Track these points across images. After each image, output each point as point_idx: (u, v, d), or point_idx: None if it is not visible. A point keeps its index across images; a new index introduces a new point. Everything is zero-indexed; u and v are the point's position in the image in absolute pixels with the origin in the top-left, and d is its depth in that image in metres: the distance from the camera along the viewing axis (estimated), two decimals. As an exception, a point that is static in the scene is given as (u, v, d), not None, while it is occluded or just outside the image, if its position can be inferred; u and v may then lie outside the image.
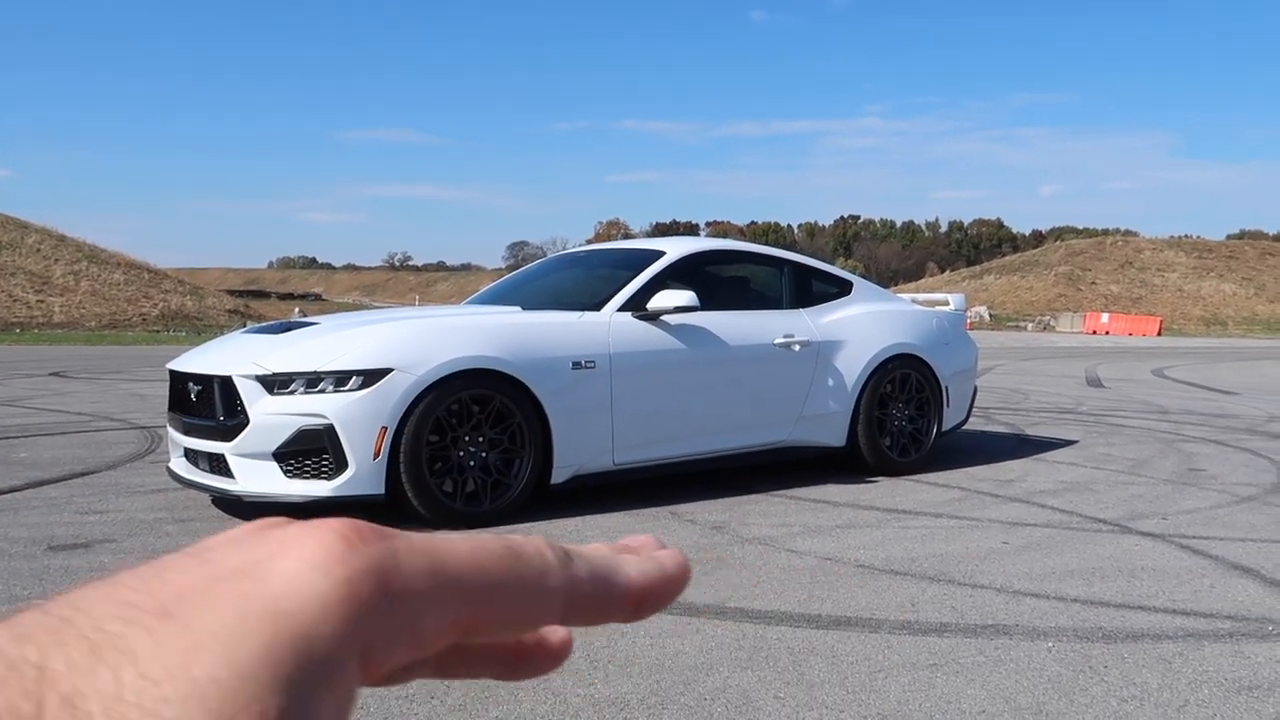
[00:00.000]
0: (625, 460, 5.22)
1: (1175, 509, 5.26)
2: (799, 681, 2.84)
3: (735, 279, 6.44)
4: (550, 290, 6.09)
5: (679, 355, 5.40)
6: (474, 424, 4.71)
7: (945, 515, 5.06)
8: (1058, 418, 9.51)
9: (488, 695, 2.71)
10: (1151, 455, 7.11)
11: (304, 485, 4.44)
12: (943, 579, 3.90)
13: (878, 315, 6.39)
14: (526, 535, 0.32)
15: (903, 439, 6.29)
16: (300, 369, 4.49)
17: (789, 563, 4.11)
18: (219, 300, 38.47)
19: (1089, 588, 3.80)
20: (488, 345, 4.76)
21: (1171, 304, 63.36)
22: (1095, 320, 52.24)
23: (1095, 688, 2.82)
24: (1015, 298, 65.46)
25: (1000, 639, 3.21)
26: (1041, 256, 75.53)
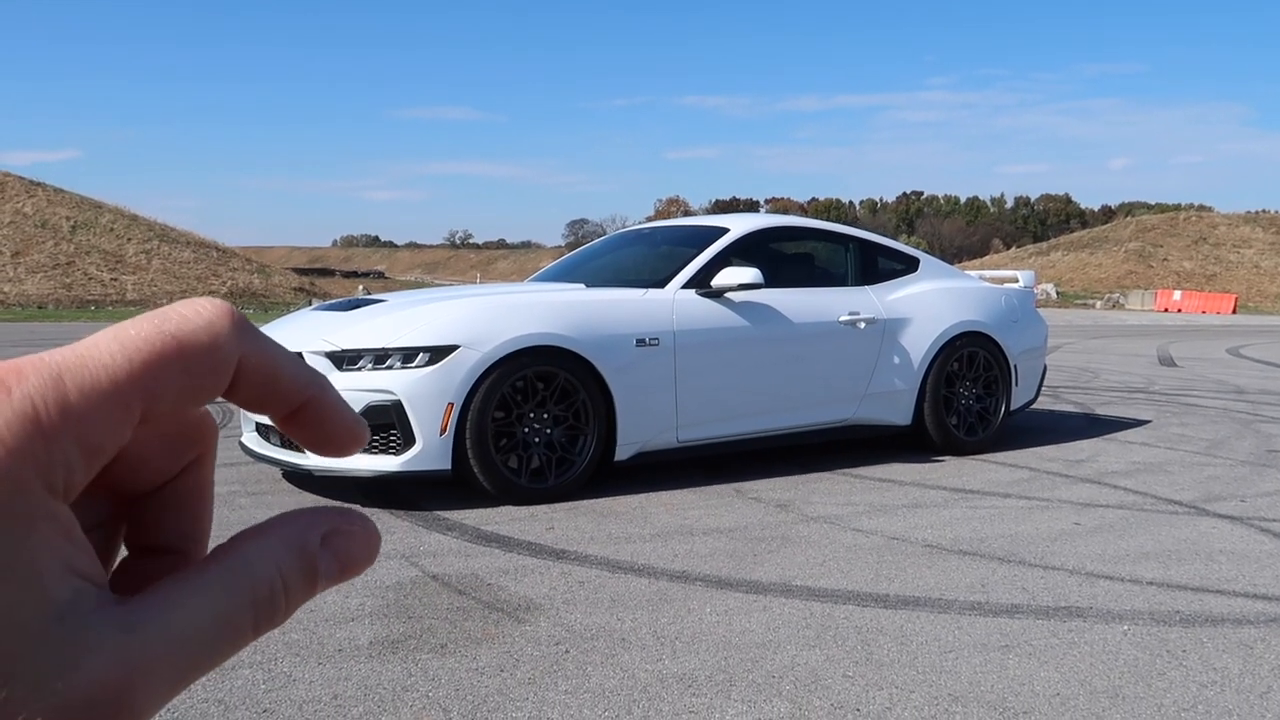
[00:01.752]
0: (689, 438, 5.22)
1: (1254, 491, 5.12)
2: (868, 661, 2.82)
3: (799, 256, 6.38)
4: (614, 267, 6.09)
5: (743, 333, 5.37)
6: (539, 401, 4.73)
7: (1014, 495, 4.98)
8: (1128, 397, 9.31)
9: (557, 670, 2.73)
10: (1228, 436, 6.92)
11: (372, 460, 4.51)
12: (1013, 560, 3.84)
13: (945, 292, 6.29)
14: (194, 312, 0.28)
15: (970, 418, 6.20)
16: (368, 345, 4.55)
17: (855, 542, 4.08)
18: (285, 278, 39.11)
19: (1165, 570, 3.72)
20: (552, 322, 4.78)
21: (1247, 281, 61.58)
22: (1167, 298, 50.98)
23: (1173, 672, 2.76)
24: (1083, 275, 64.11)
25: (1074, 621, 3.16)
26: (1111, 232, 73.80)
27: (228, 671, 2.68)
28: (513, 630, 3.03)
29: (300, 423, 0.31)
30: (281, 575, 0.29)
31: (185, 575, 0.28)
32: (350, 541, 0.31)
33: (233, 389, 0.29)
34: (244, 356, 0.29)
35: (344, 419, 0.31)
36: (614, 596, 3.35)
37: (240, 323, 0.29)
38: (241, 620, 0.28)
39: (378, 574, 3.56)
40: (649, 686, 2.63)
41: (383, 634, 2.98)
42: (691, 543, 4.03)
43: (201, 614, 0.27)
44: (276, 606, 0.29)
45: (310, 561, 0.30)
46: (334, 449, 0.31)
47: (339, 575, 0.31)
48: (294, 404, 0.30)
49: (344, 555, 0.31)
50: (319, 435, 0.31)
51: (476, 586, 3.44)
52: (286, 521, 0.31)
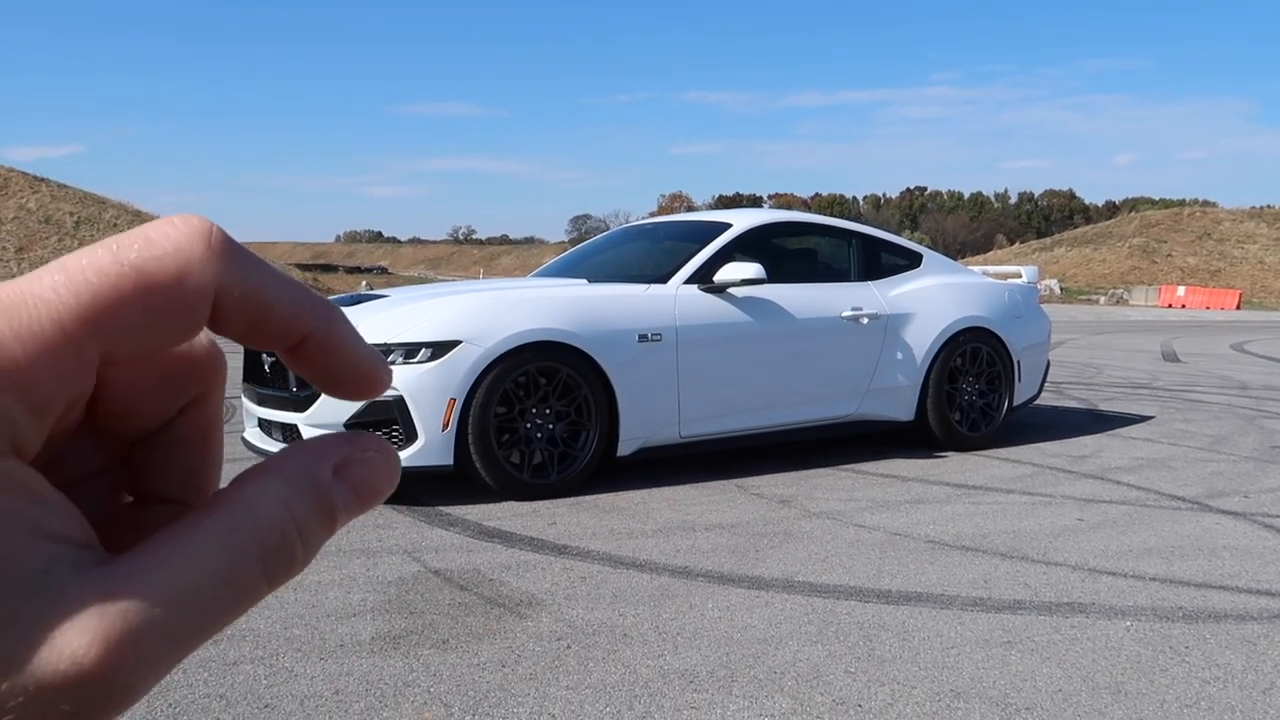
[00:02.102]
0: (691, 433, 5.21)
1: (1258, 487, 5.11)
2: (870, 656, 2.82)
3: (803, 251, 6.37)
4: (616, 263, 6.08)
5: (746, 328, 5.36)
6: (541, 396, 4.73)
7: (1017, 491, 4.97)
8: (1132, 393, 9.29)
9: (558, 665, 2.73)
10: (1231, 432, 6.91)
11: (375, 455, 4.50)
12: (1016, 555, 3.83)
13: (948, 288, 6.28)
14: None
15: (973, 414, 6.19)
16: (371, 340, 4.54)
17: (857, 537, 4.08)
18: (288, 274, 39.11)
19: (1168, 566, 3.71)
20: (555, 318, 4.77)
21: (1251, 277, 61.47)
22: (1171, 293, 50.90)
23: (1176, 668, 2.76)
24: (1087, 270, 64.04)
25: (1076, 617, 3.15)
26: (1115, 228, 73.70)
27: (229, 666, 2.68)
28: (514, 626, 3.03)
29: (303, 359, 0.28)
30: (293, 517, 0.26)
31: (179, 527, 0.25)
32: (367, 468, 0.28)
33: (218, 322, 0.26)
34: (224, 286, 0.25)
35: (355, 357, 0.28)
36: (616, 592, 3.35)
37: (219, 245, 0.25)
38: (249, 573, 0.25)
39: (380, 569, 3.56)
40: (650, 682, 2.63)
41: (384, 629, 2.98)
42: (693, 538, 4.03)
43: (198, 570, 0.24)
44: (291, 553, 0.26)
45: (325, 497, 0.27)
46: (346, 390, 0.28)
47: (359, 506, 0.28)
48: (293, 338, 0.27)
49: (362, 484, 0.28)
50: (326, 374, 0.28)
51: (478, 582, 3.44)
52: (291, 456, 0.27)
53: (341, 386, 0.28)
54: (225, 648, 2.81)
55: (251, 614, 3.07)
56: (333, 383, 0.28)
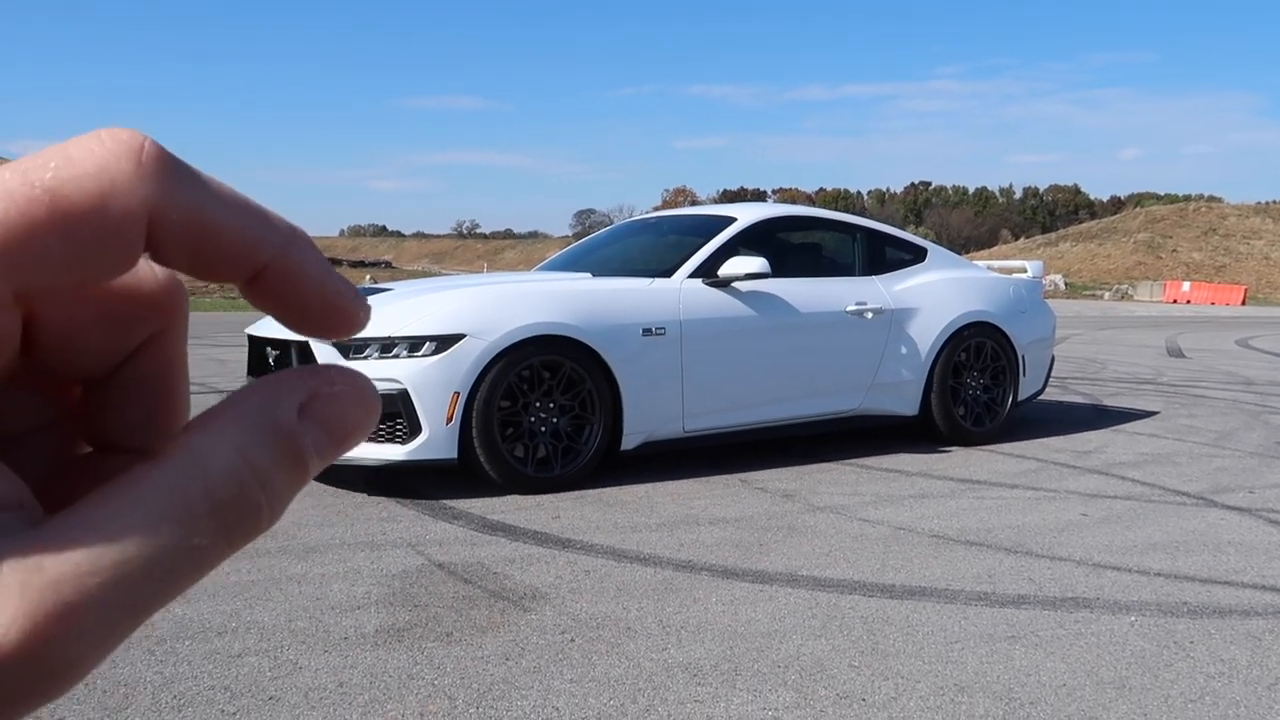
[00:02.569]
0: (695, 427, 5.21)
1: (1262, 482, 5.10)
2: (874, 651, 2.82)
3: (807, 246, 6.36)
4: (621, 257, 6.08)
5: (750, 322, 5.35)
6: (545, 390, 4.73)
7: (1021, 486, 4.97)
8: (1137, 388, 9.28)
9: (562, 659, 2.73)
10: (1236, 427, 6.90)
11: (378, 449, 4.51)
12: (1020, 550, 3.83)
13: (953, 282, 6.27)
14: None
15: (977, 408, 6.18)
16: (375, 334, 4.55)
17: (861, 532, 4.07)
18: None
19: (1173, 562, 3.70)
20: (559, 312, 4.77)
21: (1257, 272, 61.35)
22: (1176, 289, 50.82)
23: (1181, 663, 2.75)
24: (1092, 266, 63.92)
25: (1081, 612, 3.15)
26: (1120, 223, 73.57)
27: (234, 659, 2.68)
28: (518, 619, 3.03)
29: (264, 292, 0.24)
30: (250, 464, 0.23)
31: (119, 483, 0.22)
32: (337, 404, 0.25)
33: (156, 251, 0.23)
34: (159, 209, 0.22)
35: (324, 287, 0.25)
36: (620, 586, 3.35)
37: (152, 163, 0.22)
38: (201, 532, 0.22)
39: (384, 563, 3.56)
40: (654, 676, 2.63)
41: (388, 622, 2.99)
42: (697, 532, 4.03)
43: (140, 531, 0.21)
44: (252, 508, 0.23)
45: (289, 440, 0.24)
46: (317, 326, 0.25)
47: (333, 448, 0.25)
48: (249, 268, 0.24)
49: (334, 423, 0.25)
50: (292, 309, 0.25)
51: (482, 575, 3.44)
52: (247, 397, 0.24)
53: (311, 322, 0.25)
54: (229, 640, 2.81)
55: (255, 606, 3.08)
56: (300, 318, 0.25)
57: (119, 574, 0.21)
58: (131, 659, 2.66)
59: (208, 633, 2.86)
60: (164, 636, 2.82)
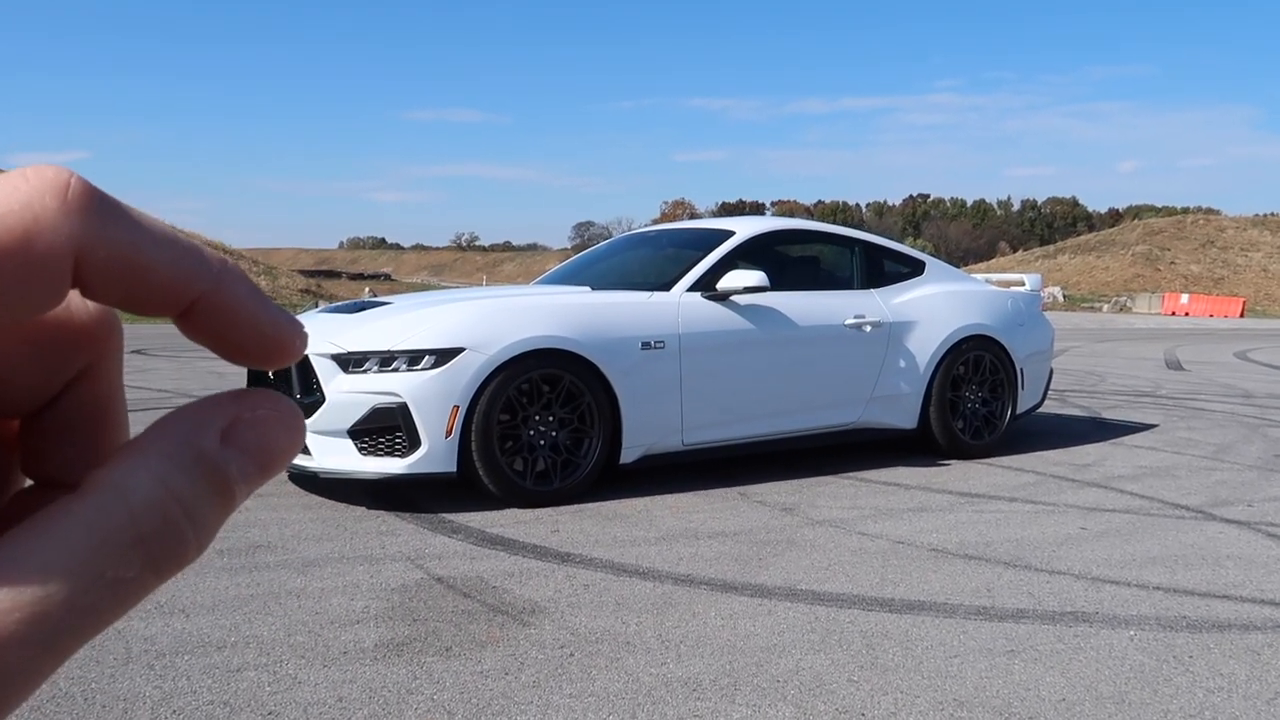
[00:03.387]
0: (694, 440, 5.21)
1: (1261, 496, 5.10)
2: (873, 665, 2.82)
3: (805, 259, 6.38)
4: (619, 270, 6.09)
5: (749, 336, 5.36)
6: (544, 403, 4.74)
7: (1020, 499, 4.97)
8: (1135, 401, 9.28)
9: (561, 673, 2.73)
10: (1235, 440, 6.90)
11: (378, 462, 4.51)
12: (1019, 564, 3.83)
13: (951, 295, 6.28)
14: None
15: (976, 421, 6.19)
16: (374, 348, 4.55)
17: (860, 545, 4.07)
18: (292, 280, 39.15)
19: (1172, 575, 3.71)
20: (558, 325, 4.78)
21: (1255, 284, 61.43)
22: (1174, 301, 50.84)
23: (1180, 678, 2.75)
24: (1090, 278, 64.01)
25: (1080, 626, 3.15)
26: (1118, 236, 73.70)
27: (233, 673, 2.68)
28: (517, 633, 3.03)
29: (196, 327, 0.24)
30: (174, 494, 0.23)
31: (40, 517, 0.22)
32: (260, 429, 0.25)
33: (85, 288, 0.22)
34: (86, 246, 0.22)
35: (257, 319, 0.25)
36: (619, 600, 3.35)
37: (79, 200, 0.22)
38: (125, 565, 0.22)
39: (383, 576, 3.56)
40: (653, 690, 2.63)
41: (387, 636, 2.99)
42: (696, 546, 4.03)
43: (61, 565, 0.21)
44: (178, 537, 0.23)
45: (213, 469, 0.24)
46: (253, 357, 0.25)
47: (259, 474, 0.25)
48: (179, 303, 0.24)
49: (258, 449, 0.24)
50: (226, 342, 0.25)
51: (481, 589, 3.44)
52: (168, 426, 0.24)
53: (247, 354, 0.25)
54: (229, 655, 2.81)
55: (255, 621, 3.08)
56: (235, 350, 0.25)
57: (39, 610, 0.21)
58: (130, 674, 2.66)
59: (207, 647, 2.86)
60: (163, 651, 2.82)
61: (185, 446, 0.23)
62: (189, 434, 0.24)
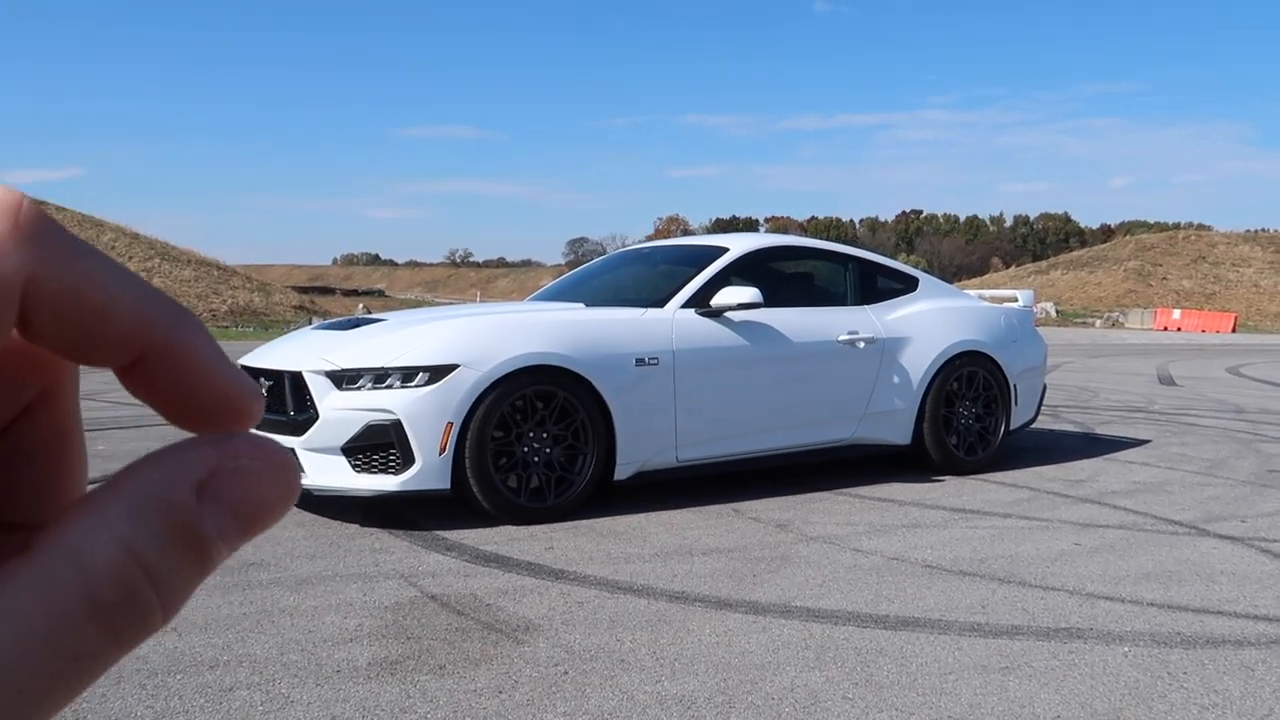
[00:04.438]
0: (689, 457, 5.21)
1: (1254, 511, 5.11)
2: (867, 682, 2.81)
3: (799, 275, 6.40)
4: (613, 286, 6.10)
5: (743, 352, 5.37)
6: (538, 420, 4.73)
7: (1014, 515, 4.97)
8: (1128, 416, 9.30)
9: (555, 691, 2.72)
10: (1228, 455, 6.92)
11: (372, 479, 4.50)
12: (1013, 580, 3.83)
13: (944, 312, 6.30)
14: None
15: (969, 437, 6.19)
16: (368, 365, 4.55)
17: (855, 562, 4.07)
18: (285, 296, 39.13)
19: (1166, 591, 3.71)
20: (552, 342, 4.78)
21: (1247, 300, 61.67)
22: (1166, 316, 51.02)
23: (1174, 694, 2.75)
24: (1083, 293, 64.21)
25: (1074, 642, 3.15)
26: (1110, 251, 73.98)
27: (225, 692, 2.67)
28: (511, 651, 3.02)
29: (144, 379, 0.22)
30: (137, 559, 0.20)
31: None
32: (245, 481, 0.22)
33: (29, 324, 0.20)
34: (37, 276, 0.20)
35: (213, 377, 0.22)
36: (613, 617, 3.34)
37: (30, 226, 0.20)
38: (80, 636, 0.19)
39: (376, 594, 3.55)
40: (648, 708, 2.62)
41: (381, 655, 2.97)
42: (691, 563, 4.02)
43: (10, 642, 0.19)
44: (141, 607, 0.20)
45: (185, 524, 0.21)
46: (202, 419, 0.22)
47: (241, 533, 0.22)
48: (133, 349, 0.21)
49: (241, 503, 0.22)
50: (175, 398, 0.22)
51: (475, 607, 3.43)
52: (135, 476, 0.21)
53: (198, 414, 0.22)
54: (221, 674, 2.80)
55: (247, 639, 3.06)
56: (185, 410, 0.22)
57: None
58: (123, 693, 2.64)
59: (199, 666, 2.85)
60: (155, 670, 2.80)
61: (153, 502, 0.21)
62: (159, 486, 0.21)
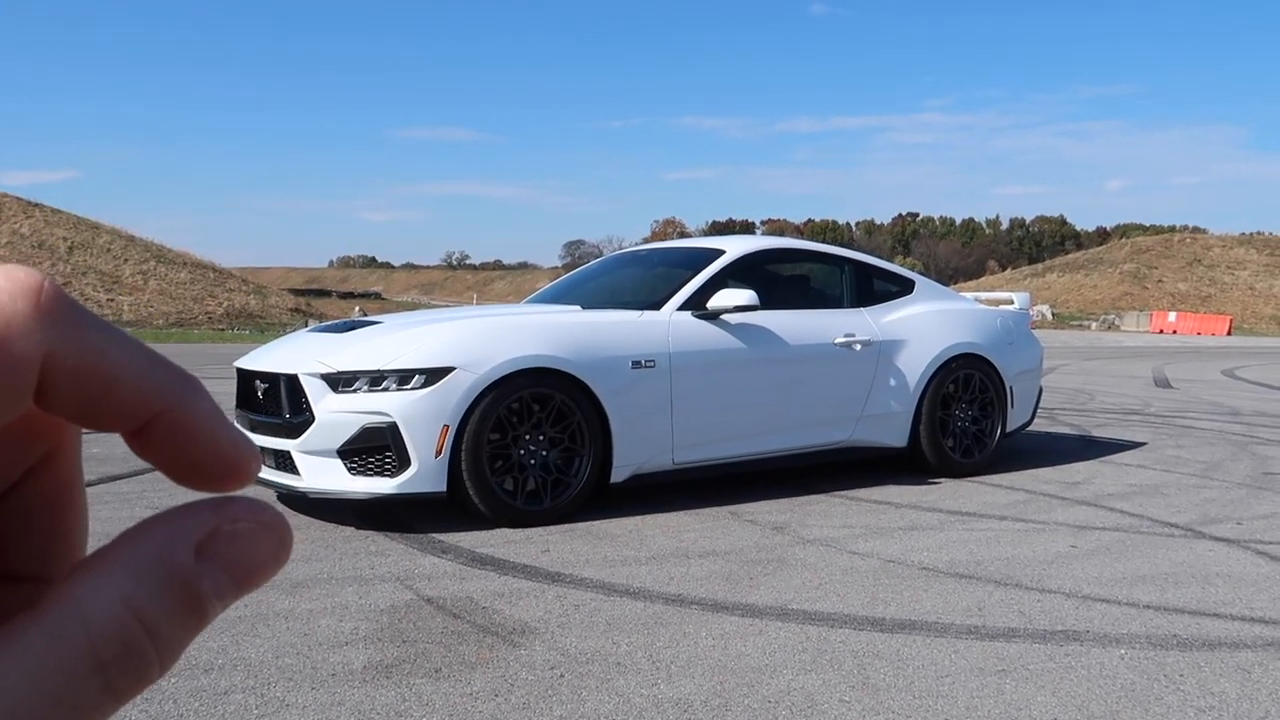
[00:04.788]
0: (685, 459, 5.21)
1: (1250, 514, 5.11)
2: (864, 685, 2.81)
3: (795, 278, 6.40)
4: (610, 289, 6.10)
5: (739, 355, 5.37)
6: (534, 422, 4.73)
7: (1010, 518, 4.97)
8: (1124, 419, 9.31)
9: (551, 695, 2.72)
10: (1224, 458, 6.93)
11: (367, 482, 4.49)
12: (1009, 583, 3.83)
13: (940, 314, 6.30)
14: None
15: (966, 440, 6.20)
16: (364, 367, 4.55)
17: (851, 564, 4.07)
18: (281, 299, 39.11)
19: (1162, 594, 3.71)
20: (548, 344, 4.78)
21: (1242, 302, 61.78)
22: (1162, 319, 51.11)
23: (1171, 697, 2.75)
24: (1079, 296, 64.30)
25: (1071, 645, 3.15)
26: (1106, 254, 74.09)
27: (220, 696, 2.66)
28: (507, 654, 3.01)
29: (151, 444, 0.23)
30: (138, 616, 0.21)
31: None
32: (240, 542, 0.23)
33: (45, 396, 0.21)
34: (54, 353, 0.21)
35: (214, 442, 0.23)
36: (609, 620, 3.34)
37: (51, 305, 0.21)
38: (83, 690, 0.20)
39: (372, 597, 3.54)
40: (644, 711, 2.62)
41: (376, 658, 2.97)
42: (687, 565, 4.02)
43: (17, 691, 0.20)
44: (140, 661, 0.21)
45: (184, 587, 0.22)
46: (203, 480, 0.24)
47: (236, 591, 0.23)
48: (140, 417, 0.23)
49: (236, 563, 0.23)
50: (179, 462, 0.23)
51: (471, 610, 3.43)
52: (139, 537, 0.22)
53: (200, 475, 0.24)
54: (216, 677, 2.79)
55: (242, 643, 3.06)
56: (189, 471, 0.24)
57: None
58: (116, 697, 2.63)
59: (194, 670, 2.84)
60: (150, 674, 2.79)
61: (155, 562, 0.22)
62: (160, 547, 0.22)
